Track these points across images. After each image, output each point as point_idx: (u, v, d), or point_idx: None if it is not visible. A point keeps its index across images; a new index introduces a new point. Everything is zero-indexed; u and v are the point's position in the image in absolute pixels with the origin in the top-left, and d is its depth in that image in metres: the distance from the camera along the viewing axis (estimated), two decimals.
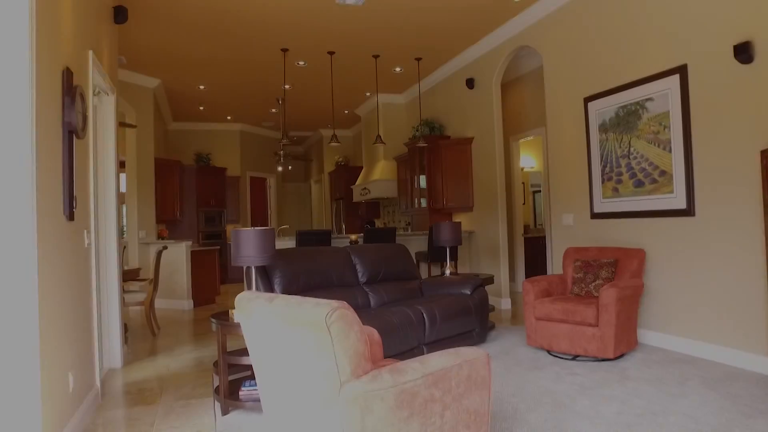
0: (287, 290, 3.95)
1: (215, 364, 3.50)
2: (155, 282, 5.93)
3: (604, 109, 5.12)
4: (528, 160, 9.28)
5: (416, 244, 7.79)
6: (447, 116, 8.45)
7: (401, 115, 10.08)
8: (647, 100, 4.62)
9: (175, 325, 6.54)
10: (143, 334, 5.98)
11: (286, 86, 8.92)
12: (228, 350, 3.39)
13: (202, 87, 8.93)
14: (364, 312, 4.12)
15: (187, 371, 4.37)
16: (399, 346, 3.87)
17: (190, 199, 10.71)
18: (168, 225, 9.97)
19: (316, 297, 4.38)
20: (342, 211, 12.11)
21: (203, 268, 8.14)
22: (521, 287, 8.36)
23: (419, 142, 7.64)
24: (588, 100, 5.32)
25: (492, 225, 7.26)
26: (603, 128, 5.14)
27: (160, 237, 8.63)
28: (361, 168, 11.46)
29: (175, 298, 7.87)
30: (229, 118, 11.55)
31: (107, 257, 4.41)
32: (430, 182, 8.20)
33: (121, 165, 11.53)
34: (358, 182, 10.88)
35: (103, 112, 4.46)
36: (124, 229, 7.82)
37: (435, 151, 8.07)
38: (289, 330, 1.89)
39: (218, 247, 8.62)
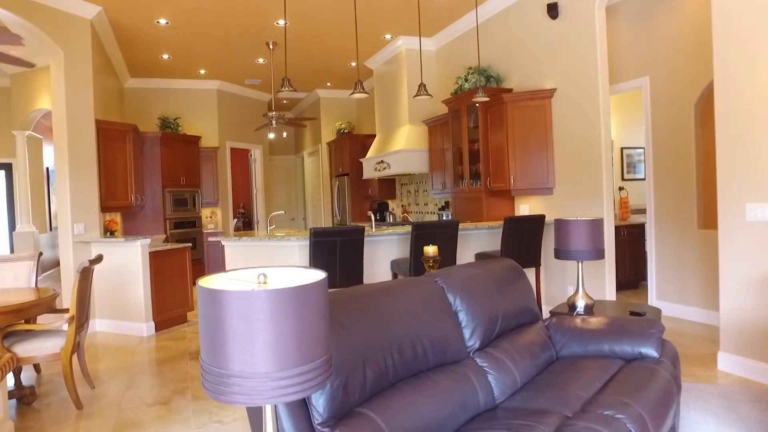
0: (343, 405, 1.66)
1: None
2: (78, 318, 3.58)
3: None
4: None
5: (476, 241, 5.54)
6: (507, 62, 6.12)
7: (430, 67, 7.71)
8: None
9: (121, 373, 4.23)
10: (64, 405, 3.65)
11: (281, 22, 6.46)
12: None
13: (163, 21, 6.43)
14: None
15: None
16: None
17: (153, 176, 8.24)
18: (124, 213, 7.55)
19: (401, 406, 1.40)
20: (346, 190, 9.77)
21: (169, 273, 5.79)
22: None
23: (477, 95, 5.29)
24: None
25: (587, 216, 5.04)
26: None
27: (108, 231, 6.23)
28: (372, 137, 9.10)
29: (129, 319, 5.53)
30: (203, 72, 9.02)
31: None
32: (487, 153, 5.90)
33: (49, 131, 8.90)
34: (370, 154, 8.53)
35: None
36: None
37: (495, 108, 5.75)
38: None
39: (189, 244, 6.24)
